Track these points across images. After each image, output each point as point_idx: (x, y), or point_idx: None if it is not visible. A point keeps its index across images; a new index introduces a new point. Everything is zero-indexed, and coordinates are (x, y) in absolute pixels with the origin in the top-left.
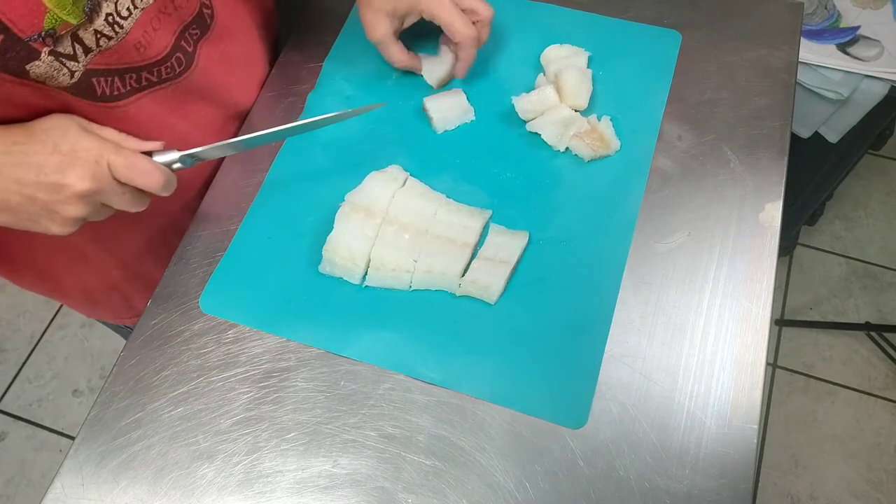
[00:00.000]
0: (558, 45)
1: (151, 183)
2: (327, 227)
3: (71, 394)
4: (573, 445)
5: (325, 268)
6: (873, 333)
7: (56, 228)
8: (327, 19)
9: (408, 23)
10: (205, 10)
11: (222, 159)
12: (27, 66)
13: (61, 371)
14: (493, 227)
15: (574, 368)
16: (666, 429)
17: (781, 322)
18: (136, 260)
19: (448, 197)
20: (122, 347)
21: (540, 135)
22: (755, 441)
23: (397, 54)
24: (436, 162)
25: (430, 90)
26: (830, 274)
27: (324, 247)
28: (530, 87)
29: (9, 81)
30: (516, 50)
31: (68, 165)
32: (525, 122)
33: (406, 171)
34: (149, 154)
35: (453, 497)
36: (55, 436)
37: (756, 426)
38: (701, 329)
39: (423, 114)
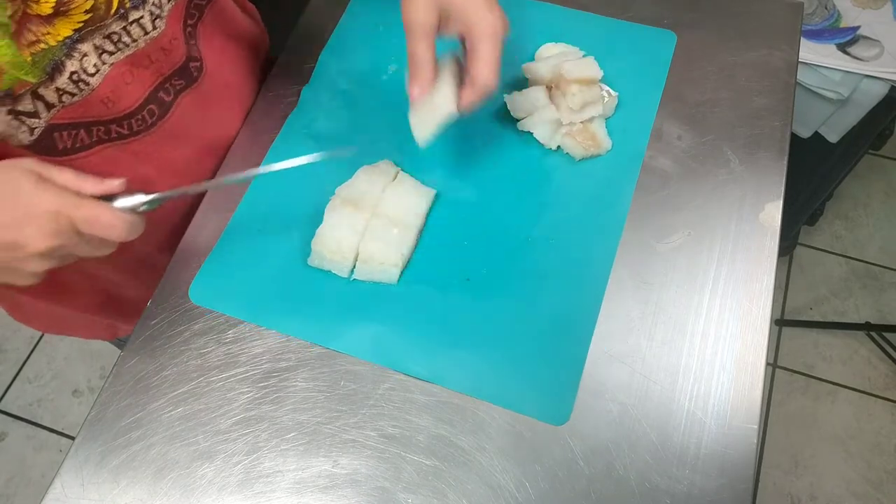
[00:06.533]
0: (553, 43)
1: (114, 234)
2: (317, 220)
3: (71, 394)
4: (573, 445)
5: (314, 261)
6: (873, 333)
7: (21, 281)
8: (327, 19)
9: (443, 25)
10: (191, 64)
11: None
12: None
13: (61, 371)
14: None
15: (557, 365)
16: (666, 429)
17: (781, 322)
18: (115, 287)
19: (438, 193)
20: (122, 347)
21: (532, 133)
22: (755, 441)
23: (425, 52)
24: (427, 158)
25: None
26: (830, 274)
27: (313, 240)
28: (524, 86)
29: None
30: (511, 48)
31: (25, 223)
32: (517, 120)
33: (397, 166)
34: (111, 197)
35: (453, 497)
36: (55, 436)
37: (756, 426)
38: (701, 329)
39: None
